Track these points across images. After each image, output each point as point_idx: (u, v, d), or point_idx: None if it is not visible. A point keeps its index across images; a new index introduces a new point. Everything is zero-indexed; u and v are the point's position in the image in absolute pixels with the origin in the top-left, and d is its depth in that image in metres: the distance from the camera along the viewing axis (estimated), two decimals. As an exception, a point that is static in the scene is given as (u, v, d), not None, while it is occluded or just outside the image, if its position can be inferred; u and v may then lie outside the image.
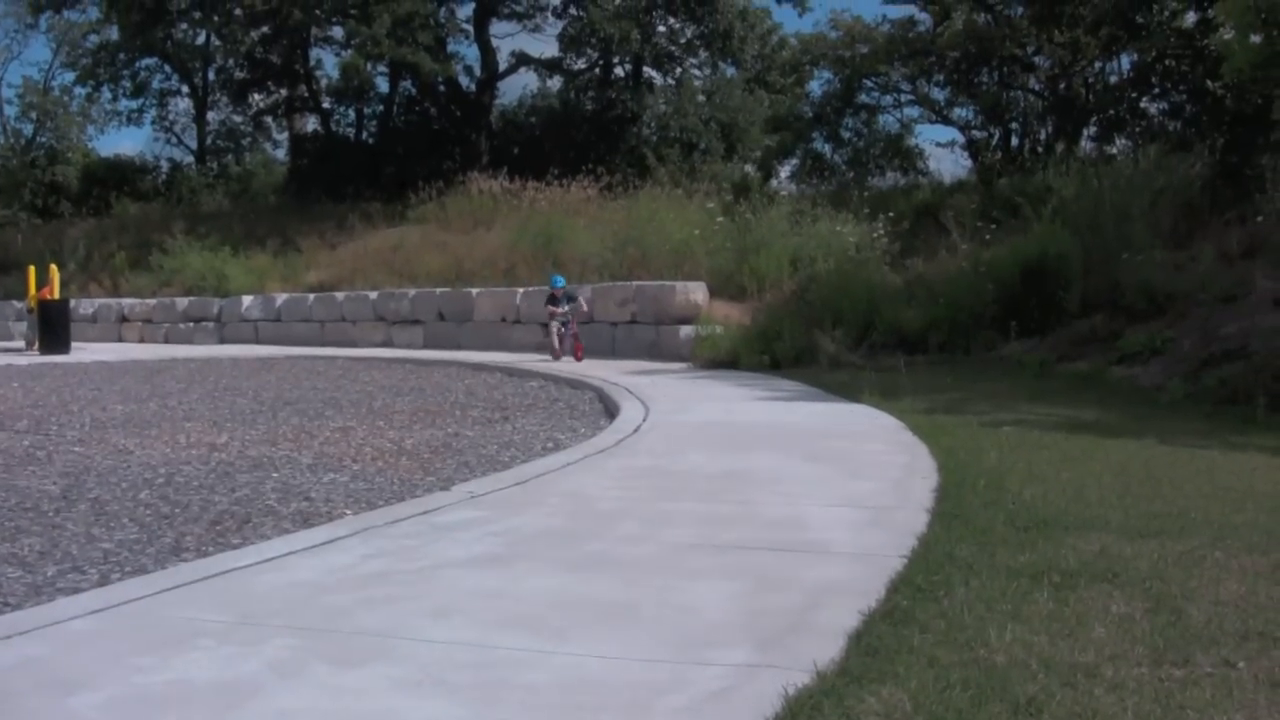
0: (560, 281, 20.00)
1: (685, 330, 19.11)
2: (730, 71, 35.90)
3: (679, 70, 36.19)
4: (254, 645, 4.13)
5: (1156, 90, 26.82)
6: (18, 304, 29.16)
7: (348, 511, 6.97)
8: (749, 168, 34.33)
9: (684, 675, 3.80)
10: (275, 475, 8.42)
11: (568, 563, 5.33)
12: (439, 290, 23.87)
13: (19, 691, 3.72)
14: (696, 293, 19.72)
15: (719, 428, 10.55)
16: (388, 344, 24.02)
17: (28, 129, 49.38)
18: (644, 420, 10.92)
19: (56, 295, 25.22)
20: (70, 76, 46.20)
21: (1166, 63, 25.44)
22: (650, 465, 8.28)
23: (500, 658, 4.00)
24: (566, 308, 19.65)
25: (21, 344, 26.52)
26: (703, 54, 35.74)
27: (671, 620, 4.22)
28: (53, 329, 24.40)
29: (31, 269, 26.02)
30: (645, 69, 35.85)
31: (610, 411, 12.45)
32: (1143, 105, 27.43)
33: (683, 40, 35.63)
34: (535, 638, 4.17)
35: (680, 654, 4.00)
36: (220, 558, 5.63)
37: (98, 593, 5.03)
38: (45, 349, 23.94)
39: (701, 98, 34.10)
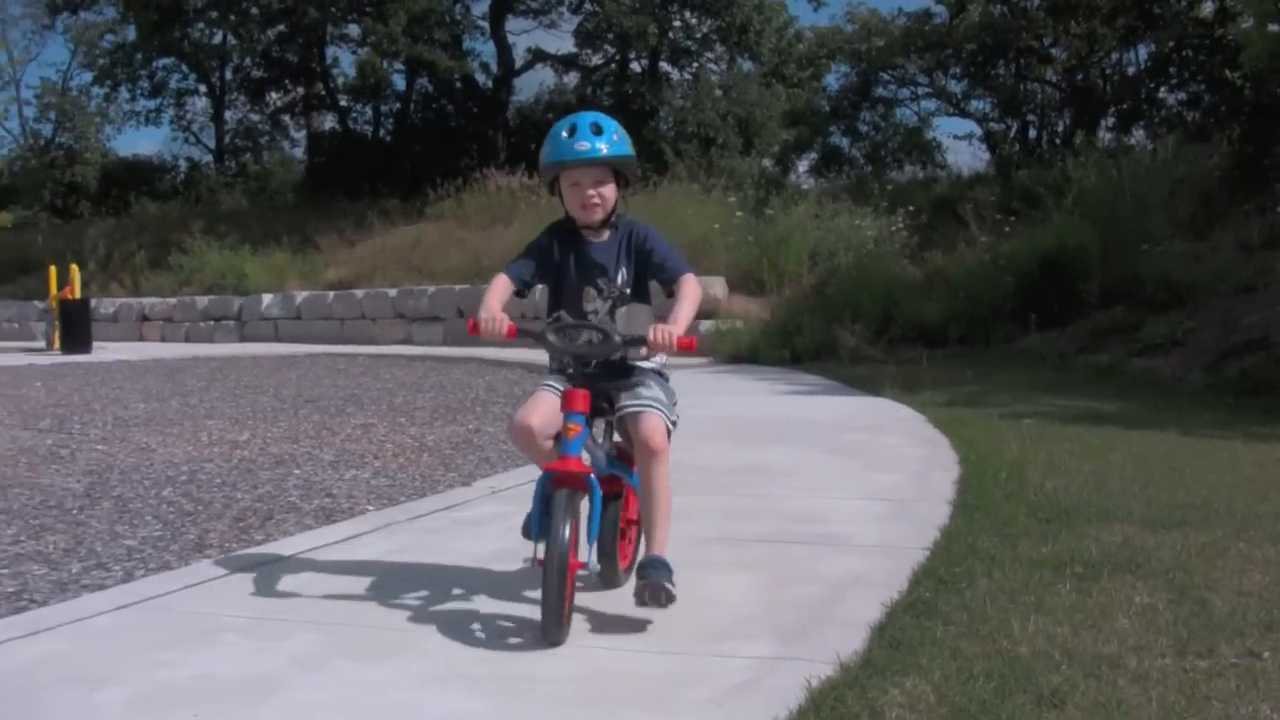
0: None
1: (705, 325, 19.07)
2: (747, 66, 35.79)
3: (696, 65, 36.11)
4: (277, 640, 4.14)
5: (1174, 80, 26.82)
6: (39, 304, 29.21)
7: (370, 507, 6.98)
8: (767, 162, 34.26)
9: (706, 668, 3.81)
10: (297, 472, 8.44)
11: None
12: (458, 287, 23.82)
13: (45, 687, 3.74)
14: (715, 287, 19.69)
15: (739, 421, 10.55)
16: (408, 341, 24.01)
17: (46, 130, 49.49)
18: (664, 414, 10.89)
19: (77, 295, 25.25)
20: (88, 77, 46.33)
21: (1184, 53, 25.44)
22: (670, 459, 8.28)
23: (522, 652, 4.00)
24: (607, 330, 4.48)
25: (43, 344, 26.58)
26: (719, 48, 35.60)
27: (692, 613, 4.22)
28: (74, 328, 24.43)
29: (52, 269, 26.05)
30: (662, 64, 35.79)
31: (630, 406, 12.42)
32: (1160, 96, 27.41)
33: (699, 34, 35.53)
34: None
35: (702, 647, 4.00)
36: (243, 554, 5.65)
37: (122, 589, 5.05)
38: (66, 348, 23.96)
39: (718, 92, 33.98)
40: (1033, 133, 31.17)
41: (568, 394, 4.33)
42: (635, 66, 36.40)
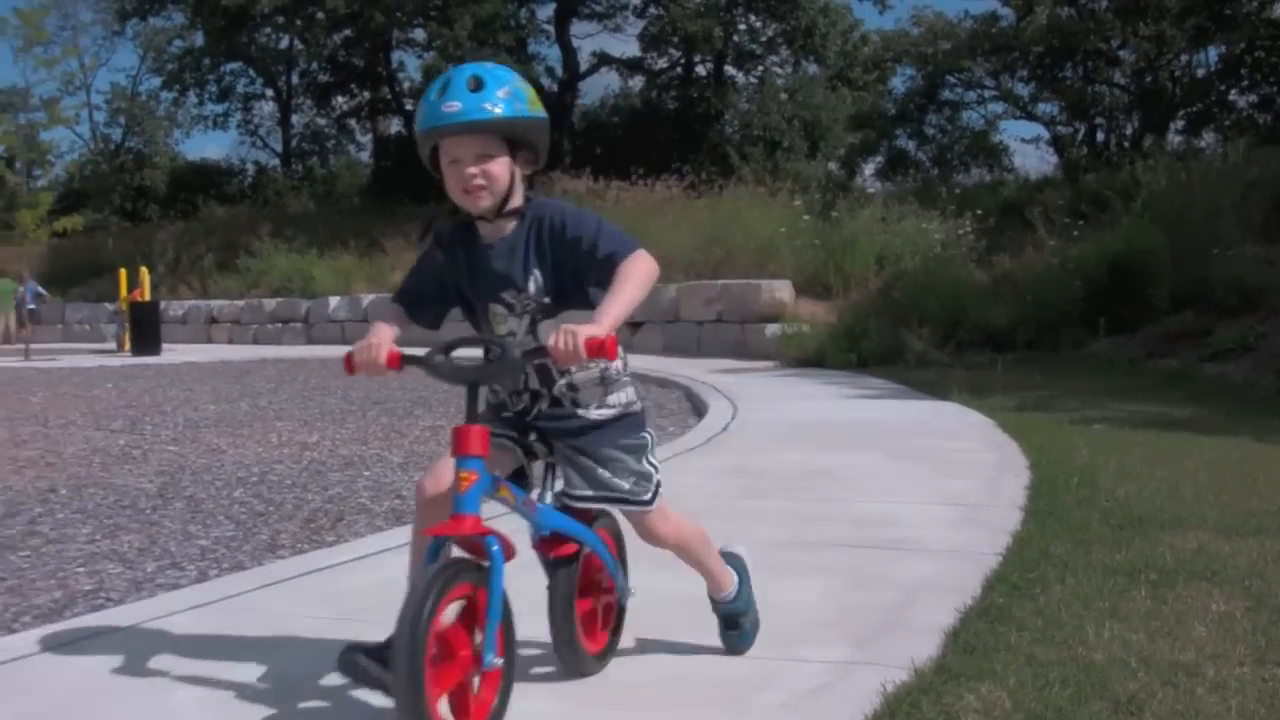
0: None
1: (771, 328, 19.08)
2: (812, 69, 35.74)
3: (761, 68, 36.13)
4: (352, 640, 4.16)
5: (1245, 82, 26.57)
6: (109, 306, 29.66)
7: (439, 509, 7.00)
8: (832, 165, 34.18)
9: (780, 672, 3.80)
10: (367, 474, 8.49)
11: (658, 561, 5.27)
12: (524, 289, 23.85)
13: (123, 685, 3.77)
14: (782, 291, 19.69)
15: (807, 426, 10.53)
16: (473, 343, 24.06)
17: (116, 134, 50.18)
18: (732, 418, 10.91)
19: (147, 297, 25.59)
20: (157, 82, 46.94)
21: (1256, 54, 25.20)
22: (739, 463, 8.27)
23: (596, 654, 4.01)
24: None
25: (113, 345, 26.92)
26: (784, 51, 35.65)
27: (766, 618, 4.20)
28: (143, 330, 24.75)
29: (123, 272, 26.43)
30: (727, 67, 35.83)
31: (698, 410, 12.45)
32: (1231, 98, 27.16)
33: (764, 38, 35.58)
34: (629, 636, 4.17)
35: (776, 651, 3.99)
36: (315, 555, 5.70)
37: (196, 588, 5.10)
38: (136, 350, 24.28)
39: (784, 95, 33.95)
40: (1101, 136, 30.98)
41: (459, 433, 3.27)
42: (700, 70, 36.48)
